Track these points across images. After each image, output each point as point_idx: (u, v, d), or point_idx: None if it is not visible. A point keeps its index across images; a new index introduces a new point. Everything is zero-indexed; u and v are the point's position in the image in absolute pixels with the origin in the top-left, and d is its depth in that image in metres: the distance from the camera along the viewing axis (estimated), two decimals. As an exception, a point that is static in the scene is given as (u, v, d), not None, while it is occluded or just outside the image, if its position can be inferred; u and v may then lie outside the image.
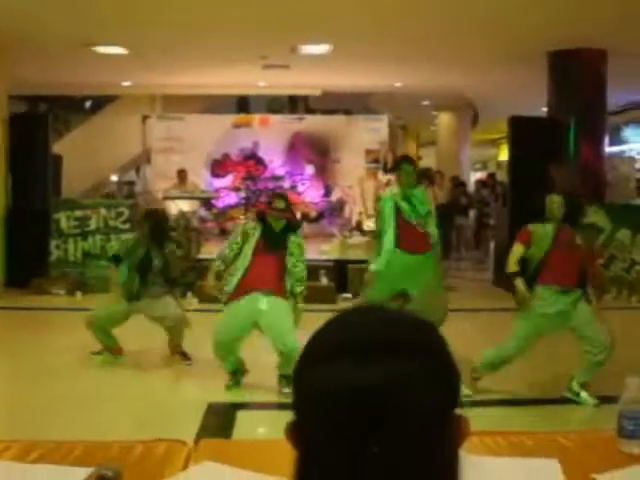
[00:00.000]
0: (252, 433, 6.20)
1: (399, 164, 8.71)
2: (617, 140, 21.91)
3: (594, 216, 12.88)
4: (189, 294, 12.23)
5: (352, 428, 1.03)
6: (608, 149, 15.98)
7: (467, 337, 10.38)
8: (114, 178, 22.90)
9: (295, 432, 1.11)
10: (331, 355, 1.07)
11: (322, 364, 1.07)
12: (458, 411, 1.11)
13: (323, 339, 1.12)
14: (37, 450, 2.40)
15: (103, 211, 13.61)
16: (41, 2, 10.28)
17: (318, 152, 18.42)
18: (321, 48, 13.81)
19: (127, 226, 13.06)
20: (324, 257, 13.21)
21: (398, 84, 18.60)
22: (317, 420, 1.06)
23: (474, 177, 26.17)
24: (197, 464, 2.30)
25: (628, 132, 22.63)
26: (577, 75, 13.42)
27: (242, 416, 6.59)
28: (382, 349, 1.06)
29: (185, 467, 2.33)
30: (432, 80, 17.88)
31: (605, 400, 6.42)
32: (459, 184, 19.72)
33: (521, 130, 13.81)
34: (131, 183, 21.35)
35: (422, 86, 18.97)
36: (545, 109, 14.72)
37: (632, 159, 19.28)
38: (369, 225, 14.12)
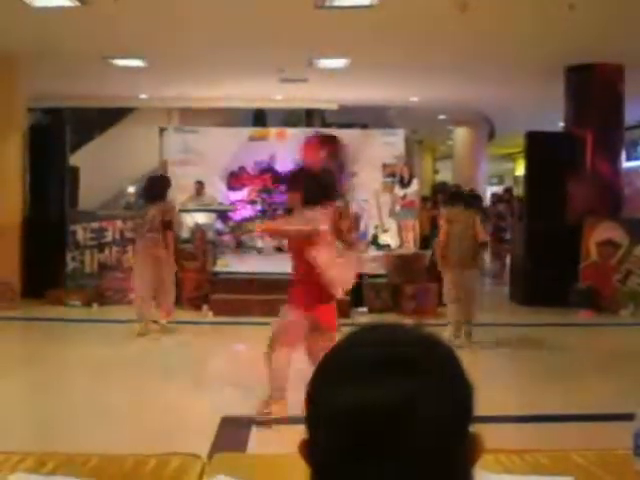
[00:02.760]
0: (267, 447, 6.18)
1: None
2: (634, 155, 21.83)
3: (611, 231, 12.86)
4: (205, 307, 12.23)
5: (365, 446, 1.03)
6: (625, 164, 15.94)
7: (482, 351, 10.36)
8: (131, 190, 22.96)
9: (308, 448, 1.11)
10: (345, 373, 1.07)
11: (336, 382, 1.07)
12: (472, 428, 1.11)
13: (337, 357, 1.12)
14: (52, 462, 2.40)
15: (119, 223, 13.66)
16: (59, 15, 10.33)
17: (334, 166, 18.40)
18: (338, 62, 13.83)
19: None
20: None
21: (414, 98, 18.61)
22: (330, 437, 1.06)
23: (490, 191, 26.08)
24: (211, 478, 2.29)
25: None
26: (594, 90, 13.40)
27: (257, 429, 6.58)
28: (395, 368, 1.05)
29: (199, 481, 2.32)
30: (448, 94, 17.89)
31: (621, 418, 6.37)
32: (475, 198, 19.66)
33: (538, 145, 13.79)
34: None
35: (438, 100, 18.99)
36: (562, 124, 14.70)
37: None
38: (385, 239, 14.13)
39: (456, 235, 10.05)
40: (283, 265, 8.15)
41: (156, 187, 11.03)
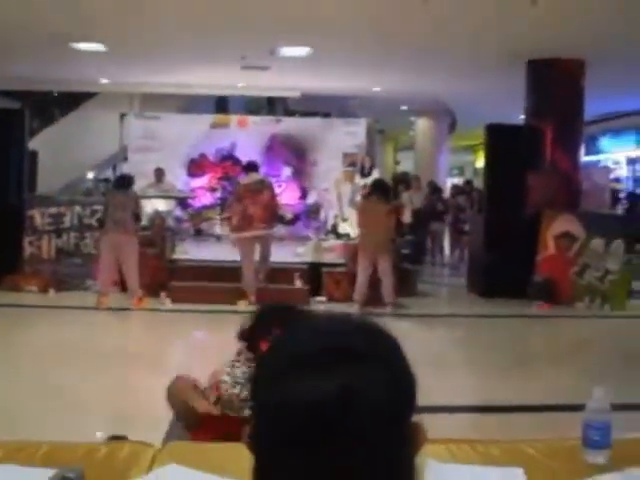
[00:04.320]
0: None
1: None
2: (593, 150, 22.05)
3: (568, 224, 12.98)
4: (162, 294, 12.15)
5: (306, 438, 1.03)
6: (584, 158, 16.07)
7: (440, 342, 10.43)
8: (90, 175, 22.80)
9: (253, 440, 1.11)
10: (286, 364, 1.07)
11: (277, 373, 1.07)
12: (415, 418, 1.11)
13: (279, 348, 1.13)
14: (0, 450, 2.38)
15: (78, 209, 13.55)
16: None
17: (295, 154, 18.38)
18: (300, 50, 13.81)
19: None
20: (298, 260, 13.21)
21: (377, 88, 18.63)
22: (272, 430, 1.07)
23: (450, 183, 26.22)
24: (162, 466, 2.29)
25: (604, 142, 22.78)
26: (555, 84, 13.48)
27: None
28: (334, 358, 1.06)
29: (150, 469, 2.31)
30: (411, 85, 17.93)
31: (574, 408, 6.42)
32: (435, 189, 19.77)
33: (498, 138, 13.86)
34: (107, 180, 21.29)
35: (401, 91, 19.02)
36: (523, 117, 14.79)
37: (607, 169, 19.43)
38: (345, 228, 14.14)
39: (369, 226, 11.56)
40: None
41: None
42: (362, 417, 1.03)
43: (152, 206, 14.60)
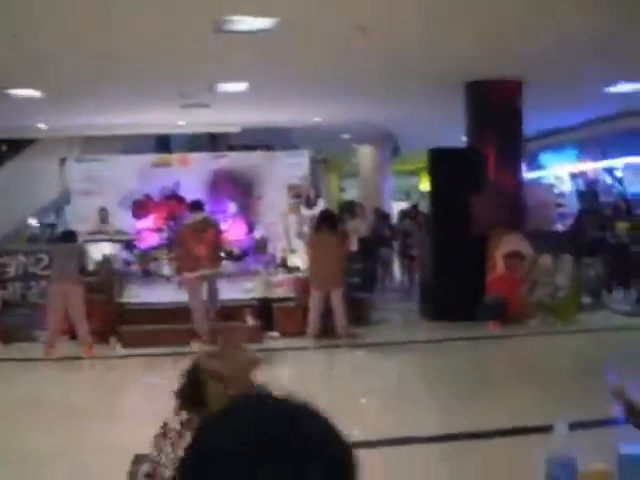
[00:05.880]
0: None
1: None
2: (534, 165, 22.26)
3: (516, 243, 13.04)
4: (112, 339, 11.93)
5: None
6: (526, 174, 16.19)
7: (395, 371, 10.37)
8: (32, 222, 22.49)
9: None
10: (206, 461, 0.98)
11: (199, 470, 0.98)
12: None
13: (201, 447, 1.02)
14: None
15: (22, 257, 13.28)
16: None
17: (240, 189, 18.29)
18: (238, 86, 13.78)
19: (47, 272, 12.64)
20: (248, 296, 13.07)
21: (317, 119, 18.65)
22: None
23: (397, 207, 26.28)
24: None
25: (544, 157, 22.97)
26: (493, 105, 13.61)
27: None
28: (258, 453, 0.96)
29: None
30: (351, 114, 17.98)
31: (540, 430, 6.36)
32: (382, 216, 19.77)
33: (441, 161, 13.90)
34: (52, 226, 21.03)
35: (341, 120, 19.06)
36: (465, 139, 14.88)
37: (552, 186, 19.62)
38: (293, 261, 14.06)
39: (321, 259, 11.70)
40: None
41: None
42: None
43: (99, 250, 14.40)
